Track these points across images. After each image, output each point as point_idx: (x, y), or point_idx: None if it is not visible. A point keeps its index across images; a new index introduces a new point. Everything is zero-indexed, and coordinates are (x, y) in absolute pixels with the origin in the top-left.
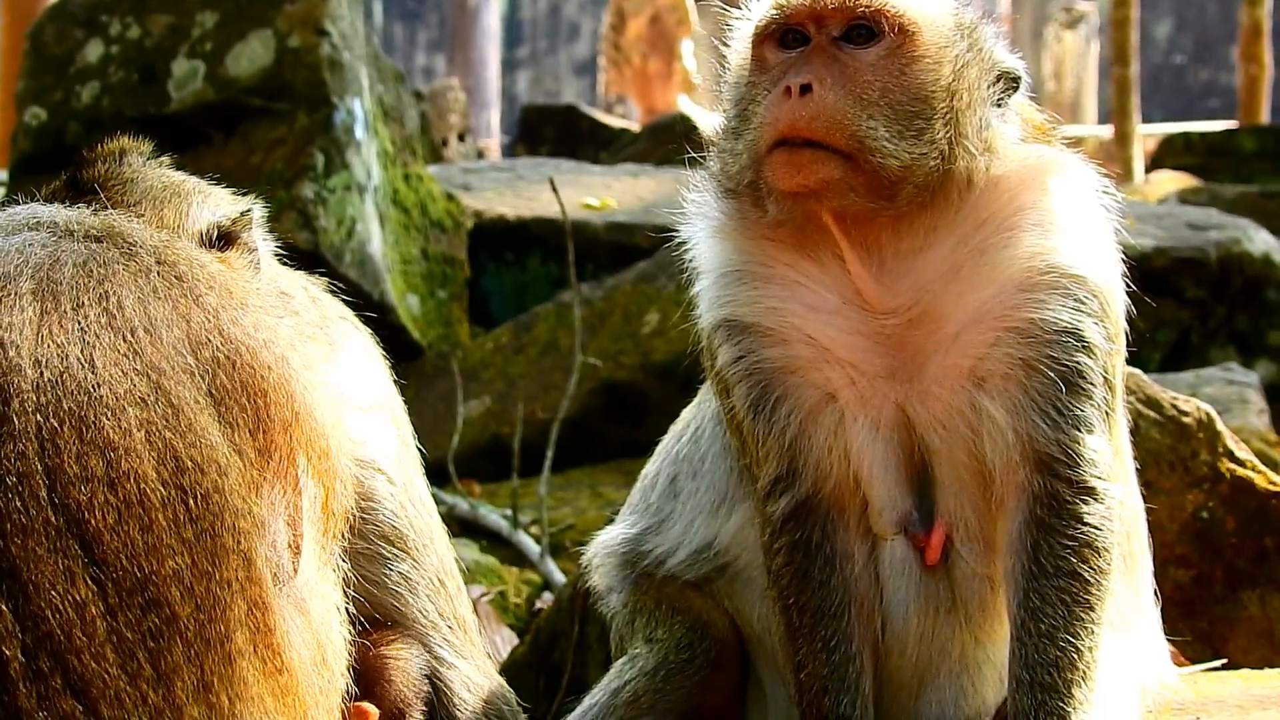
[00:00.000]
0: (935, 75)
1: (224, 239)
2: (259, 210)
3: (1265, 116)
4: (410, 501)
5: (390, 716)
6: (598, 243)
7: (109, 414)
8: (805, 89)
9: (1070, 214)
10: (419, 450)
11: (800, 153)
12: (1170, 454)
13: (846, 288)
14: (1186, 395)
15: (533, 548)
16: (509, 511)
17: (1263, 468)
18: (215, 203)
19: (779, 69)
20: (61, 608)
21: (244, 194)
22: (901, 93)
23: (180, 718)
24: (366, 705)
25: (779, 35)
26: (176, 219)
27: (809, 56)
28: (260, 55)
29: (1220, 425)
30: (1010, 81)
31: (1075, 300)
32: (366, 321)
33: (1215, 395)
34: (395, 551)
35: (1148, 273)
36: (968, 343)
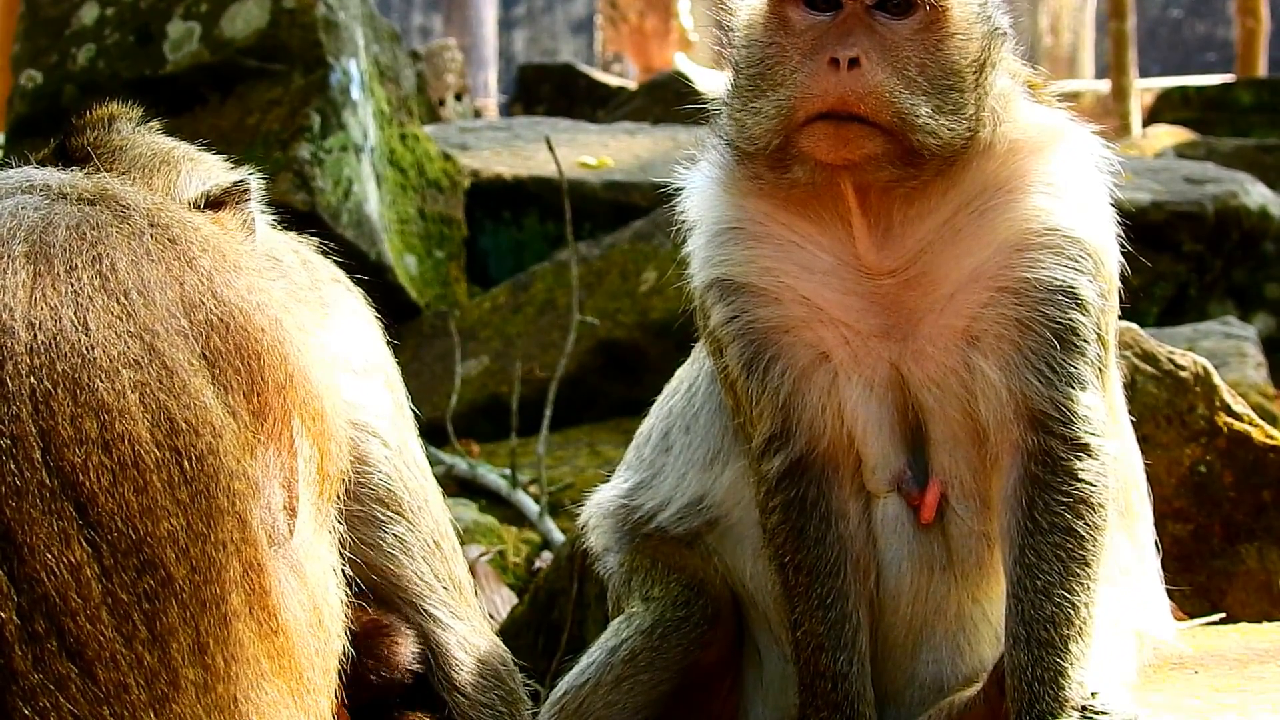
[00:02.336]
0: (966, 50)
1: (214, 206)
2: (255, 181)
3: (1262, 70)
4: (405, 464)
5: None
6: (595, 201)
7: (103, 376)
8: (854, 63)
9: (1068, 176)
10: (414, 412)
11: (847, 127)
12: (1167, 408)
13: (844, 249)
14: (1184, 349)
15: (531, 507)
16: (508, 471)
17: (1260, 421)
18: (206, 171)
19: (810, 33)
20: (57, 570)
21: (238, 160)
22: (938, 68)
23: (176, 679)
24: None
25: None
26: (166, 186)
27: (848, 26)
28: (255, 16)
29: (1217, 379)
30: (1002, 37)
31: (1069, 259)
32: (363, 282)
33: (1213, 349)
34: (390, 514)
35: (1145, 227)
36: (962, 303)
